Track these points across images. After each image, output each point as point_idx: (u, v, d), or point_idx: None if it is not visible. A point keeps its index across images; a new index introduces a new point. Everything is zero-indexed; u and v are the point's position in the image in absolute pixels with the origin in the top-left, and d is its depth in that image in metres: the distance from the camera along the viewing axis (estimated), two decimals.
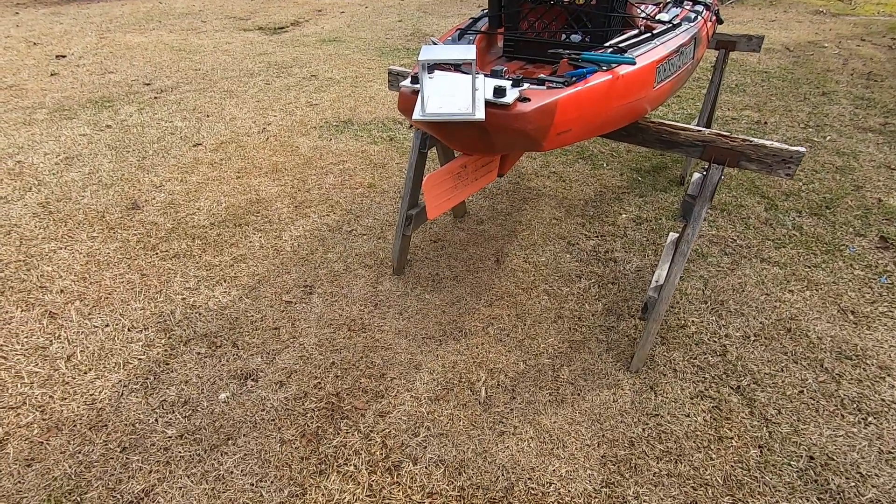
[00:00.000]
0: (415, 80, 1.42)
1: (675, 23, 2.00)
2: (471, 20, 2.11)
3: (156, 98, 4.98)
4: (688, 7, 2.33)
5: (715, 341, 2.24)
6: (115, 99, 4.94)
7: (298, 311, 2.40)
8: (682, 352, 2.18)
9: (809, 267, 2.68)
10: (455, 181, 1.48)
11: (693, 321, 2.35)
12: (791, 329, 2.29)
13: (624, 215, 3.15)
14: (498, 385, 2.04)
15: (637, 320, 2.36)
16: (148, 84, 5.39)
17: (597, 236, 2.95)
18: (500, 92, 1.25)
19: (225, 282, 2.57)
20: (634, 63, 1.50)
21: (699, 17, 2.17)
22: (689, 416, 1.91)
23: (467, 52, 1.19)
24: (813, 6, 10.24)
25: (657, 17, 2.12)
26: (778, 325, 2.32)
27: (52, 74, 5.66)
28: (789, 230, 2.98)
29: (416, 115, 1.23)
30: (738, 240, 2.90)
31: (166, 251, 2.77)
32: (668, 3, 2.56)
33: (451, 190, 1.48)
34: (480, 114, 1.20)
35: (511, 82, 1.34)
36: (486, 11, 2.15)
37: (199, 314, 2.37)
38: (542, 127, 1.29)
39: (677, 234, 2.46)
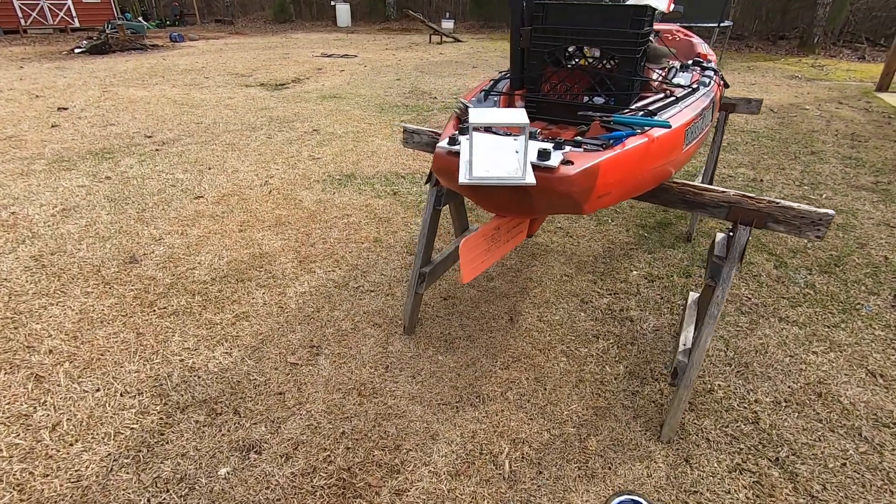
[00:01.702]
0: (451, 141, 1.39)
1: (693, 86, 2.04)
2: (492, 81, 2.14)
3: (157, 150, 4.97)
4: (697, 71, 2.39)
5: (745, 407, 2.14)
6: (115, 150, 4.92)
7: (305, 374, 2.26)
8: (713, 419, 2.07)
9: (829, 327, 2.63)
10: (489, 243, 1.42)
11: (719, 385, 2.25)
12: (821, 394, 2.20)
13: (635, 272, 3.10)
14: (522, 458, 1.90)
15: (661, 384, 2.25)
16: (149, 136, 5.41)
17: (610, 294, 2.89)
18: (544, 155, 1.22)
19: (226, 341, 2.43)
20: (670, 126, 1.50)
21: (712, 81, 2.22)
22: (729, 492, 1.78)
23: (520, 116, 1.15)
24: (788, 71, 10.84)
25: (674, 81, 2.16)
26: (807, 389, 2.23)
27: (52, 126, 5.66)
28: (802, 288, 2.95)
29: (463, 178, 1.18)
30: (753, 298, 2.86)
31: (164, 308, 2.64)
32: (674, 67, 2.64)
33: (486, 252, 1.42)
34: (531, 178, 1.15)
35: (553, 144, 1.31)
36: (504, 74, 2.18)
37: (199, 377, 2.22)
38: (586, 189, 1.25)
39: (698, 294, 2.41)
